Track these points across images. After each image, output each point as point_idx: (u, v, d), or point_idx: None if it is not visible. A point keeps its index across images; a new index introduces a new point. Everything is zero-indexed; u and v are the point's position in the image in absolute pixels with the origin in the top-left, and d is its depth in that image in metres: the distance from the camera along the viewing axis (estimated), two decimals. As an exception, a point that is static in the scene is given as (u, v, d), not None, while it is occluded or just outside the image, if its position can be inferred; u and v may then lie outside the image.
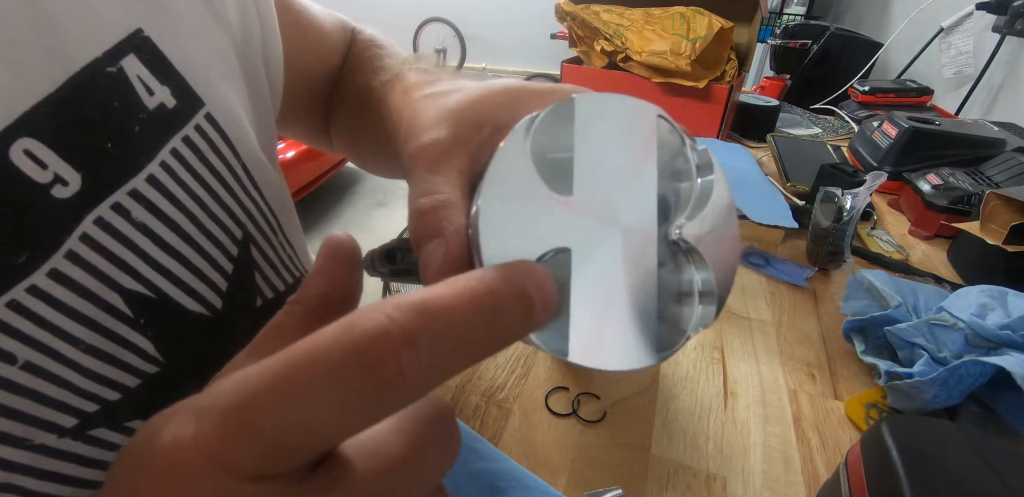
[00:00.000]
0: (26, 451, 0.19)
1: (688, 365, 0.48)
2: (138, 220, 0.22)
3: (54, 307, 0.19)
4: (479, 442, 0.37)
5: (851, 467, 0.32)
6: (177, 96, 0.23)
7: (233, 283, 0.27)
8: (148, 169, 0.22)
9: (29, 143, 0.18)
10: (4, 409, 0.18)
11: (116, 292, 0.21)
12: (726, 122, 0.95)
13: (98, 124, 0.20)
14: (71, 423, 0.21)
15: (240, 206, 0.27)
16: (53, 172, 0.19)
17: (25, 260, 0.18)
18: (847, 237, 0.59)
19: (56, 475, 0.20)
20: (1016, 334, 0.41)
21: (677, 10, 0.89)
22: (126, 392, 0.22)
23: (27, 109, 0.18)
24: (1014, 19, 1.00)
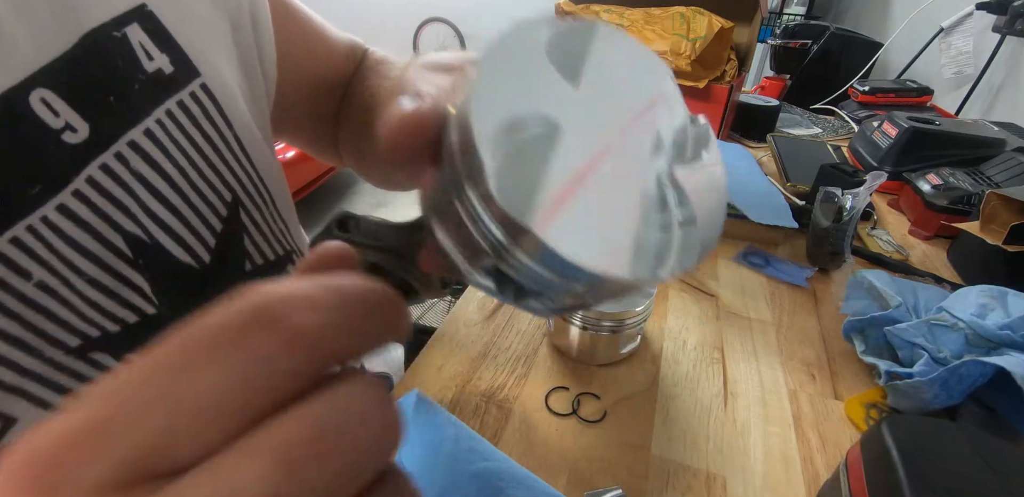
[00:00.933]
0: (37, 360, 0.22)
1: (688, 365, 0.48)
2: (136, 169, 0.24)
3: (63, 239, 0.22)
4: (479, 442, 0.37)
5: (851, 467, 0.32)
6: (175, 65, 0.26)
7: (222, 241, 0.29)
8: (145, 123, 0.25)
9: (45, 93, 0.21)
10: (21, 320, 0.21)
11: (118, 233, 0.24)
12: (726, 122, 0.95)
13: (103, 81, 0.23)
14: (75, 343, 0.23)
15: (230, 171, 0.29)
16: (65, 120, 0.22)
17: (38, 192, 0.21)
18: (847, 237, 0.59)
19: (60, 387, 0.23)
20: (1016, 334, 0.41)
21: (677, 10, 0.89)
22: (124, 326, 0.25)
23: (44, 64, 0.21)
24: (1014, 19, 1.00)
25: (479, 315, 0.54)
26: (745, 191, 0.72)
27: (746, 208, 0.67)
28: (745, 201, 0.68)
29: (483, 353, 0.49)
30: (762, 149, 1.00)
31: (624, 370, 0.47)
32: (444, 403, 0.43)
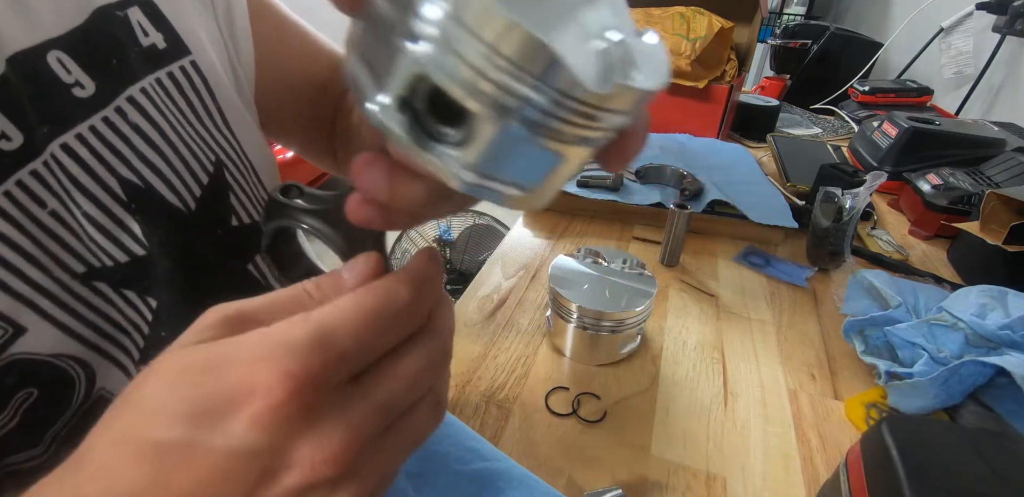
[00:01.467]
0: (48, 278, 0.25)
1: (688, 365, 0.48)
2: (133, 122, 0.28)
3: (66, 176, 0.26)
4: (479, 442, 0.37)
5: (851, 467, 0.32)
6: (168, 42, 0.31)
7: (207, 192, 0.32)
8: (141, 84, 0.29)
9: (60, 55, 0.26)
10: (37, 242, 0.25)
11: (114, 177, 0.28)
12: (726, 122, 0.95)
13: (107, 49, 0.28)
14: (80, 269, 0.27)
15: (212, 138, 0.33)
16: (75, 77, 0.26)
17: (46, 131, 0.25)
18: (847, 237, 0.59)
19: (66, 306, 0.26)
20: (1016, 334, 0.41)
21: (677, 10, 0.89)
22: (116, 264, 0.28)
23: (62, 33, 0.26)
24: (1014, 19, 1.00)
25: (479, 315, 0.54)
26: (745, 191, 0.72)
27: (746, 208, 0.67)
28: (745, 201, 0.68)
29: (483, 353, 0.49)
30: (762, 149, 1.00)
31: (624, 370, 0.47)
32: (444, 403, 0.43)
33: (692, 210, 0.60)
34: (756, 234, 0.68)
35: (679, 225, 0.60)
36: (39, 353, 0.25)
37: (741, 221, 0.67)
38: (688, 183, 0.72)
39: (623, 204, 0.70)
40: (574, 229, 0.70)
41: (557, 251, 0.65)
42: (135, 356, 0.30)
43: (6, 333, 0.24)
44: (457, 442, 0.36)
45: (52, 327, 0.26)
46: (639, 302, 0.45)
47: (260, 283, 0.37)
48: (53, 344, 0.26)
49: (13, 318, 0.24)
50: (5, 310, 0.24)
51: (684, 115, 0.93)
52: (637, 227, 0.71)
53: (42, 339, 0.25)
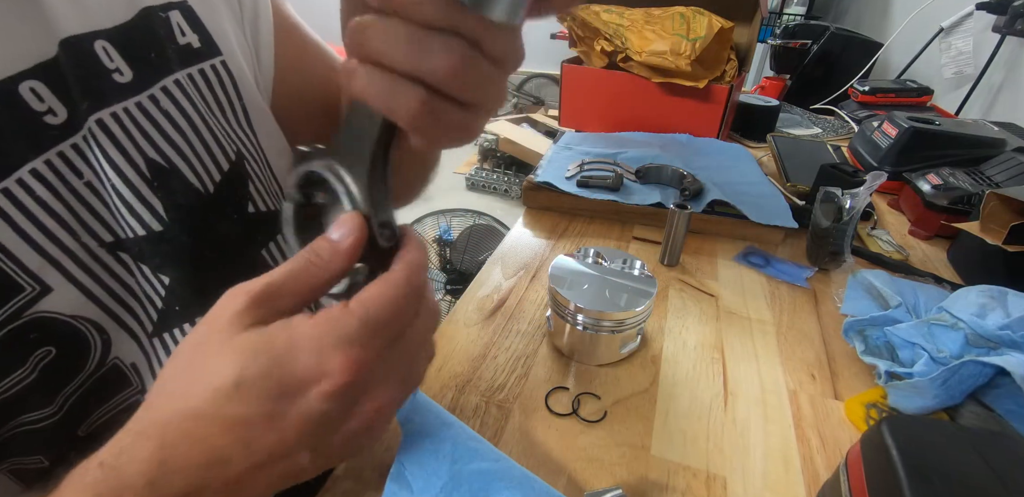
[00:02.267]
0: (76, 242, 0.27)
1: (688, 365, 0.48)
2: (164, 108, 0.31)
3: (100, 151, 0.28)
4: (479, 442, 0.37)
5: (851, 467, 0.32)
6: (202, 43, 0.33)
7: (226, 177, 0.34)
8: (175, 75, 0.32)
9: (105, 44, 0.29)
10: (69, 208, 0.27)
11: (142, 156, 0.30)
12: (726, 122, 0.95)
13: (147, 43, 0.30)
14: (108, 238, 0.29)
15: (235, 133, 0.36)
16: (117, 65, 0.29)
17: (86, 107, 0.28)
18: (847, 237, 0.59)
19: (90, 270, 0.28)
20: (1016, 334, 0.41)
21: (677, 10, 0.89)
22: (136, 238, 0.30)
23: (109, 27, 0.29)
24: (1014, 19, 1.00)
25: (479, 315, 0.54)
26: (745, 191, 0.72)
27: (746, 208, 0.67)
28: (745, 201, 0.68)
29: (483, 353, 0.49)
30: (762, 149, 1.00)
31: (624, 370, 0.47)
32: (444, 403, 0.43)
33: (692, 210, 0.60)
34: (756, 234, 0.68)
35: (679, 225, 0.60)
36: (61, 313, 0.27)
37: (741, 221, 0.67)
38: (688, 183, 0.72)
39: (623, 204, 0.70)
40: (574, 229, 0.70)
41: (557, 251, 0.65)
42: (148, 329, 0.32)
43: (33, 291, 0.26)
44: (457, 442, 0.36)
45: (75, 289, 0.28)
46: (639, 302, 0.45)
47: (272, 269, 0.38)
48: (74, 306, 0.28)
49: (41, 277, 0.26)
50: (35, 269, 0.26)
51: (684, 115, 0.93)
52: (637, 227, 0.71)
53: (65, 300, 0.27)
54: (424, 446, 0.35)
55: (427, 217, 1.70)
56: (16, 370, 0.26)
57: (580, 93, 0.97)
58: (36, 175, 0.26)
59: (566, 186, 0.71)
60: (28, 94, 0.26)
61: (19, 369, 0.26)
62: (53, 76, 0.26)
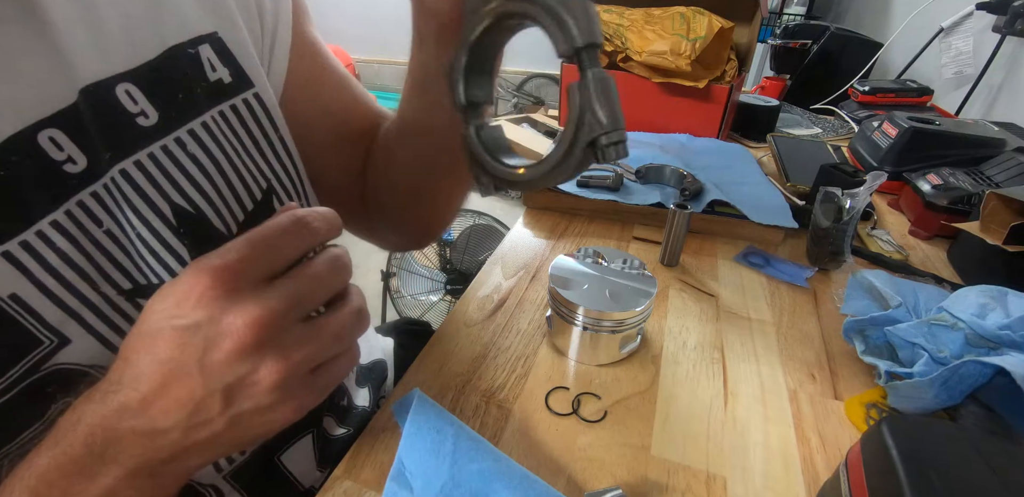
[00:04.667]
0: (95, 293, 0.27)
1: (688, 365, 0.48)
2: (191, 152, 0.31)
3: (124, 199, 0.28)
4: (479, 442, 0.37)
5: (851, 467, 0.32)
6: (233, 77, 0.33)
7: (250, 218, 0.35)
8: (203, 118, 0.31)
9: (129, 87, 0.28)
10: (88, 257, 0.27)
11: (167, 203, 0.30)
12: (726, 122, 0.95)
13: (174, 83, 0.30)
14: (127, 286, 0.29)
15: (268, 165, 0.36)
16: (141, 108, 0.29)
17: (109, 157, 0.27)
18: (847, 237, 0.59)
19: (109, 321, 0.28)
20: (1016, 334, 0.41)
21: (677, 10, 0.89)
22: (161, 282, 0.30)
23: (133, 67, 0.28)
24: (1014, 19, 1.00)
25: (479, 315, 0.54)
26: (745, 191, 0.72)
27: (746, 208, 0.67)
28: (745, 201, 0.68)
29: (483, 353, 0.49)
30: (762, 149, 1.00)
31: (624, 370, 0.47)
32: (444, 403, 0.43)
33: (692, 210, 0.60)
34: (756, 234, 0.68)
35: (679, 225, 0.60)
36: (79, 364, 0.27)
37: (741, 221, 0.67)
38: (688, 183, 0.72)
39: (623, 204, 0.70)
40: (574, 229, 0.70)
41: (557, 251, 0.65)
42: None
43: (52, 344, 0.26)
44: (457, 442, 0.36)
45: (93, 340, 0.27)
46: (639, 302, 0.45)
47: None
48: (92, 356, 0.27)
49: (60, 330, 0.26)
50: (54, 323, 0.25)
51: (684, 115, 0.93)
52: (637, 227, 0.71)
53: (83, 351, 0.27)
54: (424, 446, 0.35)
55: (427, 217, 1.69)
56: (34, 424, 0.26)
57: (580, 93, 0.97)
58: (56, 226, 0.25)
59: (566, 186, 0.71)
60: (47, 143, 0.25)
61: (37, 423, 0.26)
62: (72, 124, 0.25)
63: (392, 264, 1.67)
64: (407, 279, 1.68)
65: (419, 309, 1.66)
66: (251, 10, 0.36)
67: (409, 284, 1.68)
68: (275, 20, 0.38)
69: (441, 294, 1.65)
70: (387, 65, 3.80)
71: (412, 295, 1.68)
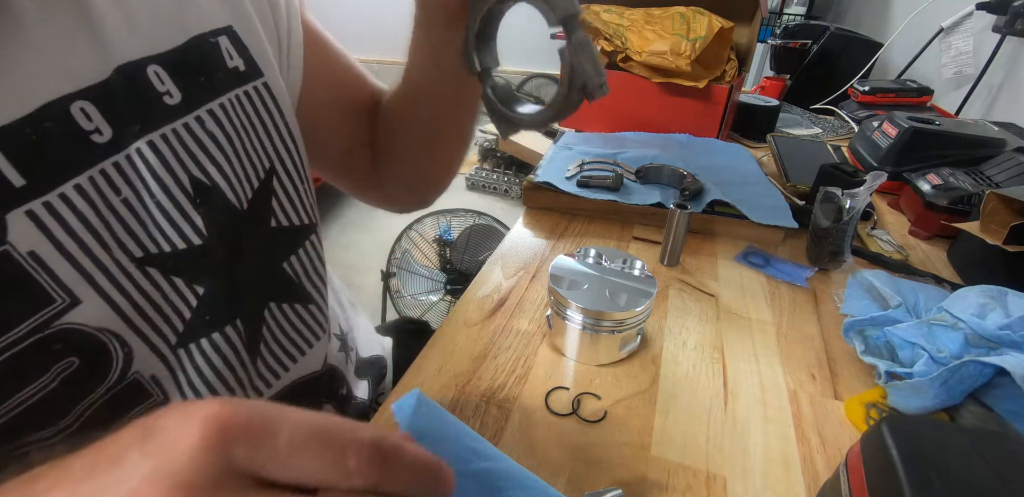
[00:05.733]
0: (109, 257, 0.28)
1: (688, 365, 0.48)
2: (209, 130, 0.33)
3: (147, 169, 0.30)
4: (479, 442, 0.36)
5: (851, 467, 0.32)
6: (246, 66, 0.36)
7: (256, 195, 0.37)
8: (221, 100, 0.34)
9: (157, 68, 0.30)
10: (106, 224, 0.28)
11: (186, 175, 0.32)
12: (726, 122, 0.95)
13: (197, 67, 0.32)
14: (139, 253, 0.30)
15: (273, 147, 0.38)
16: (167, 88, 0.31)
17: (138, 129, 0.29)
18: (847, 237, 0.59)
19: (120, 286, 0.29)
20: (1016, 334, 0.41)
21: (677, 10, 0.89)
22: (174, 250, 0.31)
23: (162, 51, 0.30)
24: (1014, 19, 1.00)
25: (479, 315, 0.54)
26: (745, 191, 0.72)
27: (746, 208, 0.67)
28: (745, 201, 0.68)
29: (483, 353, 0.49)
30: (762, 149, 1.00)
31: (624, 370, 0.47)
32: (444, 403, 0.43)
33: (692, 210, 0.60)
34: (756, 234, 0.68)
35: (679, 225, 0.60)
36: (87, 325, 0.28)
37: (741, 221, 0.67)
38: (688, 183, 0.72)
39: (623, 204, 0.70)
40: (574, 229, 0.70)
41: (557, 251, 0.65)
42: (172, 341, 0.32)
43: (63, 302, 0.27)
44: (457, 442, 0.36)
45: (103, 303, 0.28)
46: (639, 302, 0.45)
47: (293, 281, 0.42)
48: (101, 319, 0.28)
49: (72, 290, 0.27)
50: (68, 283, 0.27)
51: (684, 115, 0.93)
52: (637, 227, 0.71)
53: (92, 313, 0.28)
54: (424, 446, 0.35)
55: (427, 217, 1.70)
56: (38, 379, 0.26)
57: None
58: (79, 190, 0.27)
59: (566, 186, 0.71)
60: (79, 113, 0.27)
61: (41, 378, 0.27)
62: (103, 98, 0.28)
63: (392, 264, 1.68)
64: (407, 279, 1.68)
65: (419, 309, 1.66)
66: (264, 8, 0.39)
67: (409, 284, 1.68)
68: (288, 16, 0.41)
69: (441, 294, 1.65)
70: (387, 65, 3.80)
71: (412, 295, 1.68)
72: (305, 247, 0.42)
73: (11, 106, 0.25)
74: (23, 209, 0.25)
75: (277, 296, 0.41)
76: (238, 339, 0.36)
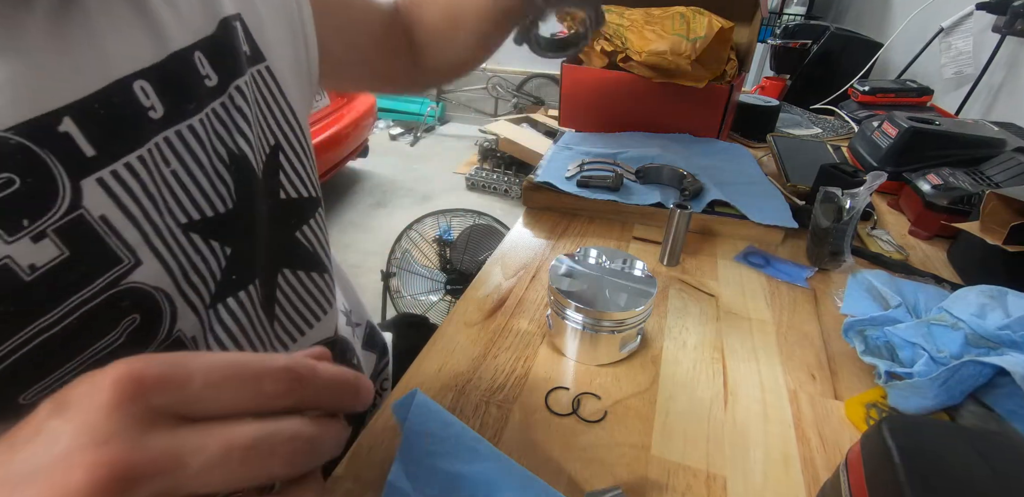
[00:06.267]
0: (163, 222, 0.31)
1: (688, 365, 0.48)
2: (238, 105, 0.37)
3: (197, 141, 0.33)
4: (479, 442, 0.37)
5: (851, 467, 0.32)
6: (251, 51, 0.39)
7: (266, 166, 0.40)
8: (243, 79, 0.37)
9: (200, 55, 0.34)
10: (160, 193, 0.31)
11: (223, 147, 0.35)
12: (726, 122, 0.95)
13: (226, 51, 0.36)
14: (184, 220, 0.33)
15: (278, 125, 0.41)
16: (207, 72, 0.34)
17: (192, 108, 0.33)
18: (847, 237, 0.59)
19: (171, 249, 0.32)
20: (1016, 334, 0.41)
21: (677, 10, 0.89)
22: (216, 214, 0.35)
23: (201, 38, 0.34)
24: (1014, 19, 1.00)
25: (479, 315, 0.54)
26: (745, 191, 0.72)
27: (746, 208, 0.67)
28: (745, 201, 0.68)
29: (483, 353, 0.49)
30: (762, 149, 1.00)
31: (624, 370, 0.47)
32: (444, 403, 0.43)
33: (692, 210, 0.60)
34: (756, 234, 0.68)
35: (679, 225, 0.60)
36: (147, 284, 0.31)
37: (741, 221, 0.67)
38: (688, 183, 0.72)
39: (623, 204, 0.70)
40: (574, 229, 0.70)
41: (557, 251, 0.65)
42: (206, 301, 0.35)
43: (129, 263, 0.30)
44: (457, 442, 0.36)
45: (158, 264, 0.31)
46: (639, 302, 0.45)
47: (308, 249, 0.45)
48: (156, 279, 0.31)
49: (136, 252, 0.30)
50: (133, 244, 0.30)
51: (684, 115, 0.93)
52: (637, 227, 0.71)
53: (151, 273, 0.31)
54: (424, 446, 0.35)
55: (427, 217, 1.70)
56: (110, 332, 0.30)
57: (580, 93, 0.97)
58: (141, 161, 0.30)
59: (566, 186, 0.71)
60: (139, 91, 0.30)
61: (112, 332, 0.30)
62: (159, 79, 0.31)
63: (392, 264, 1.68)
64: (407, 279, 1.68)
65: (419, 309, 1.66)
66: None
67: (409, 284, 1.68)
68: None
69: (441, 294, 1.65)
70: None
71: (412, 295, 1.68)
72: (316, 218, 0.46)
73: (85, 82, 0.28)
74: (94, 177, 0.28)
75: (291, 263, 0.44)
76: (257, 300, 0.39)
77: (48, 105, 0.26)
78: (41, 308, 0.27)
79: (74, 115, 0.27)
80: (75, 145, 0.27)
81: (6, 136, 0.25)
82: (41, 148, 0.26)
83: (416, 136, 3.82)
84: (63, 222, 0.27)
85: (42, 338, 0.27)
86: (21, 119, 0.25)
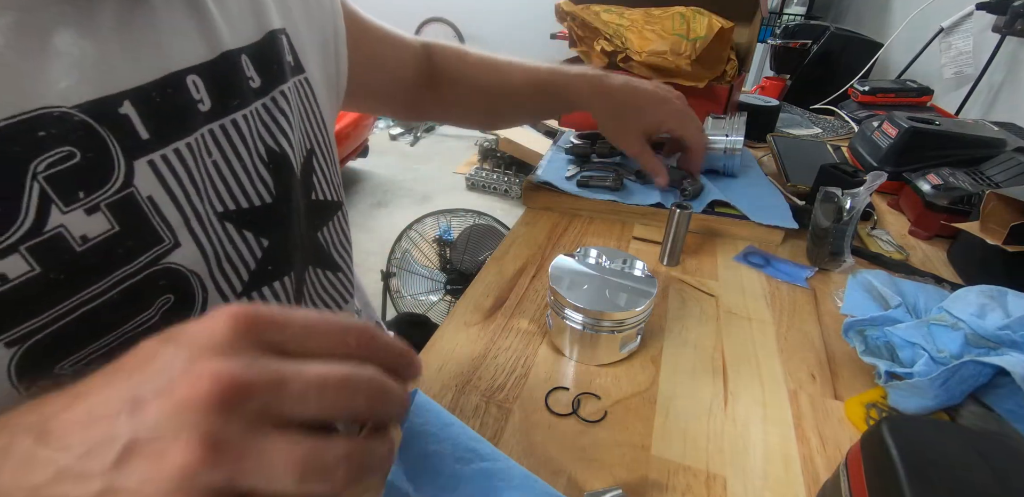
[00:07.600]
0: (204, 210, 0.33)
1: (688, 365, 0.48)
2: (280, 107, 0.39)
3: (239, 135, 0.36)
4: (479, 442, 0.36)
5: (851, 467, 0.32)
6: (294, 62, 0.42)
7: (303, 167, 0.43)
8: (285, 86, 0.40)
9: (247, 58, 0.36)
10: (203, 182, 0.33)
11: (262, 143, 0.38)
12: (726, 122, 0.95)
13: (271, 58, 0.39)
14: (221, 209, 0.35)
15: (313, 131, 0.45)
16: (251, 74, 0.37)
17: (236, 104, 0.35)
18: (847, 237, 0.59)
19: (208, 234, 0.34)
20: (1016, 334, 0.41)
21: (677, 10, 0.89)
22: (251, 206, 0.37)
23: (247, 44, 0.37)
24: (1014, 19, 1.00)
25: (479, 315, 0.54)
26: (745, 191, 0.72)
27: (746, 208, 0.67)
28: (745, 201, 0.68)
29: (483, 353, 0.49)
30: (762, 149, 1.00)
31: (624, 370, 0.47)
32: (444, 403, 0.43)
33: (692, 210, 0.60)
34: (756, 234, 0.68)
35: (679, 225, 0.60)
36: (184, 266, 0.32)
37: (741, 221, 0.67)
38: (688, 183, 0.72)
39: (623, 204, 0.70)
40: (574, 229, 0.70)
41: (557, 251, 0.65)
42: (237, 289, 0.37)
43: (169, 243, 0.31)
44: (457, 442, 0.36)
45: (195, 247, 0.33)
46: (639, 302, 0.45)
47: (324, 249, 0.47)
48: (192, 262, 0.33)
49: (176, 233, 0.31)
50: (174, 226, 0.31)
51: (684, 115, 0.92)
52: (637, 227, 0.71)
53: (188, 255, 0.33)
54: (424, 446, 0.35)
55: (427, 217, 1.70)
56: (146, 310, 0.31)
57: (580, 93, 0.97)
58: (189, 148, 0.32)
59: (566, 186, 0.71)
60: (191, 85, 0.32)
61: (148, 309, 0.31)
62: (208, 75, 0.33)
63: (392, 264, 1.68)
64: (407, 279, 1.68)
65: (419, 309, 1.66)
66: (311, 8, 0.45)
67: (409, 284, 1.68)
68: (334, 15, 0.49)
69: (441, 294, 1.65)
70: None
71: (412, 295, 1.68)
72: (336, 219, 0.48)
73: (146, 71, 0.30)
74: (146, 158, 0.30)
75: (315, 261, 0.46)
76: (291, 292, 0.41)
77: (112, 88, 0.28)
78: (87, 280, 0.28)
79: (133, 100, 0.29)
80: (133, 127, 0.29)
81: (71, 112, 0.26)
82: (102, 126, 0.28)
83: (416, 136, 3.82)
84: (116, 198, 0.29)
85: (84, 310, 0.28)
86: (87, 98, 0.27)
